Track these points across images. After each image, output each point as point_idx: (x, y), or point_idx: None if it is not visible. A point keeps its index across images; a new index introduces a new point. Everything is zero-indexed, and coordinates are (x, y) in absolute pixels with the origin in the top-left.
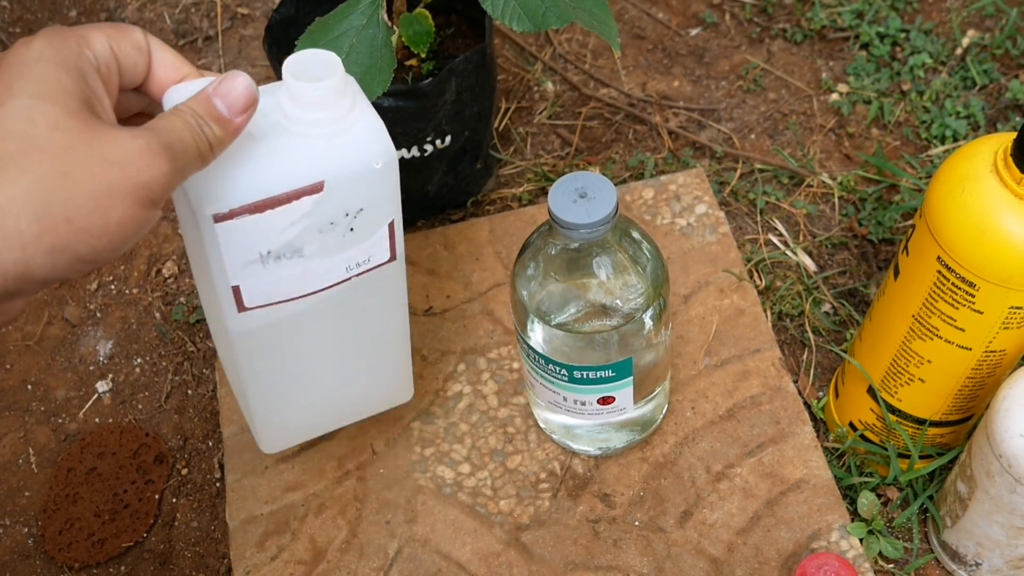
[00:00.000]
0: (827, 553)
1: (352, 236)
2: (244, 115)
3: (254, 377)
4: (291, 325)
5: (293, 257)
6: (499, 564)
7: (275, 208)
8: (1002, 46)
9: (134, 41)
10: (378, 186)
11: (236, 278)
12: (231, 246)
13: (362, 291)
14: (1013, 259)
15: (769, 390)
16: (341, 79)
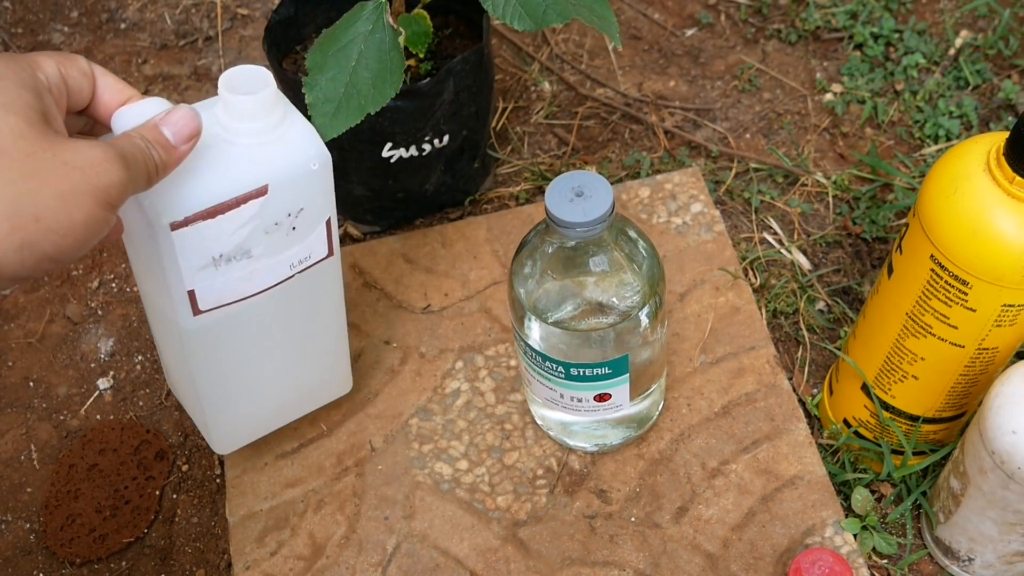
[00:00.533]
0: (821, 549)
1: (294, 235)
2: (188, 143)
3: (207, 377)
4: (239, 324)
5: (243, 259)
6: (496, 559)
7: (225, 213)
8: (995, 46)
9: (79, 67)
10: (316, 186)
11: (191, 282)
12: (187, 252)
13: (304, 286)
14: (1006, 257)
15: (764, 387)
16: (273, 91)
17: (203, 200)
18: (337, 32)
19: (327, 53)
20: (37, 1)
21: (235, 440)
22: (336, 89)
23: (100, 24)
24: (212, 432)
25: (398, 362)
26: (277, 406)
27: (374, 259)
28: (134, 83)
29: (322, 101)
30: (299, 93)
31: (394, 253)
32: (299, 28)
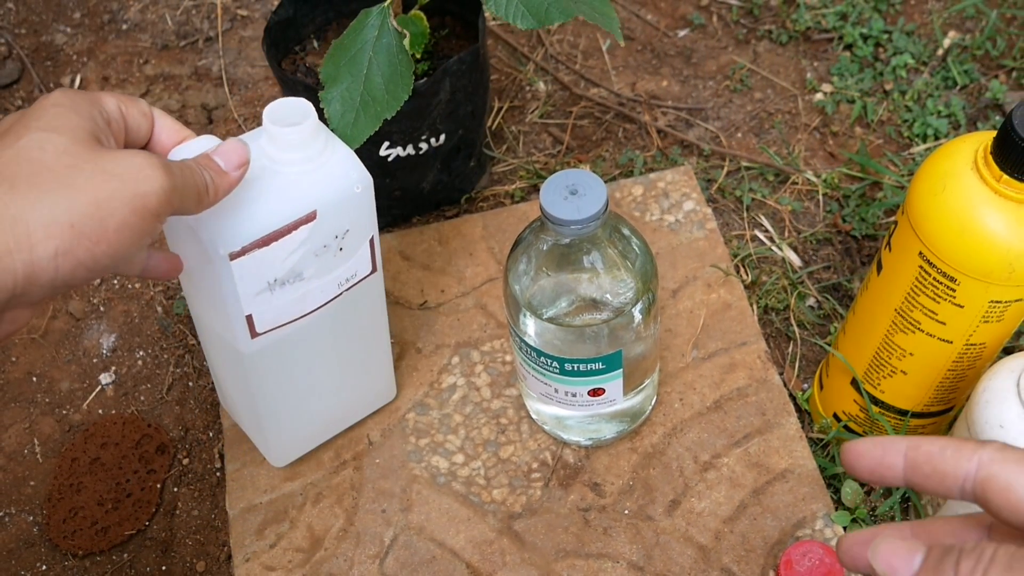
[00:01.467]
0: (812, 541)
1: (341, 255)
2: (239, 170)
3: (266, 397)
4: (294, 343)
5: (296, 281)
6: (492, 551)
7: (279, 240)
8: (982, 47)
9: (140, 108)
10: (359, 207)
11: (249, 307)
12: (244, 279)
13: (351, 303)
14: (993, 254)
15: (755, 382)
16: (315, 121)
17: (258, 230)
18: (346, 41)
19: (339, 64)
20: (40, 2)
21: (291, 453)
22: (353, 99)
23: (102, 25)
24: (271, 448)
25: (395, 357)
26: (329, 417)
27: None
28: (135, 83)
29: (340, 113)
30: (298, 92)
31: (391, 250)
32: (298, 29)
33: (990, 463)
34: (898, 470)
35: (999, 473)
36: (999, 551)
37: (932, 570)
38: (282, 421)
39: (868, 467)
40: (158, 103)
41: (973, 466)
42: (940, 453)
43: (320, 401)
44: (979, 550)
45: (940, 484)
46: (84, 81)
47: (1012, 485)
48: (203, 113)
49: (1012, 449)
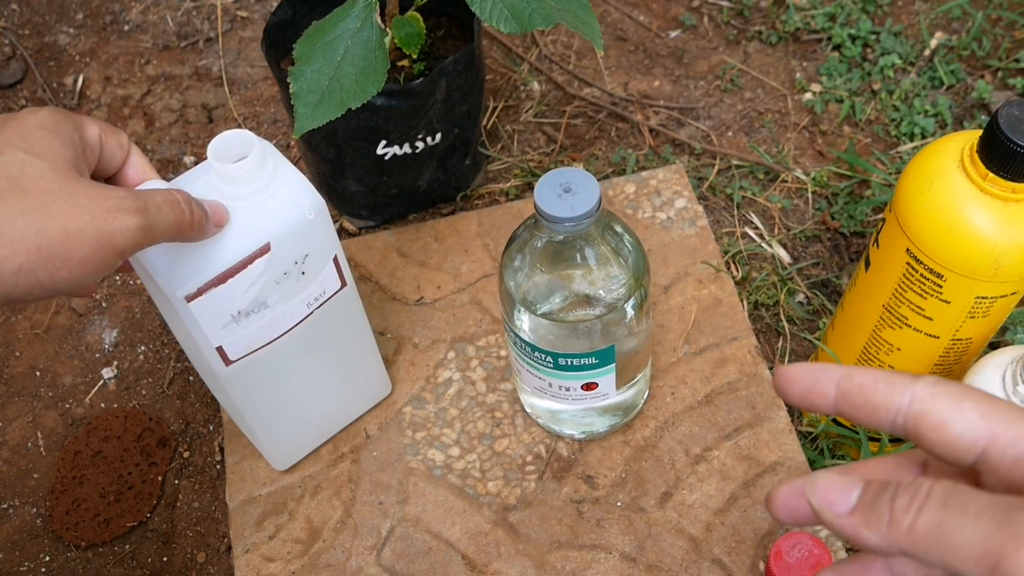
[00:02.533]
0: (801, 532)
1: (304, 278)
2: (219, 228)
3: (251, 411)
4: (273, 362)
5: (260, 310)
6: (487, 543)
7: (235, 276)
8: (968, 47)
9: (119, 140)
10: (316, 232)
11: (217, 339)
12: (206, 317)
13: (325, 318)
14: (979, 251)
15: (745, 376)
16: (259, 153)
17: (211, 270)
18: (326, 26)
19: (314, 45)
20: (44, 3)
21: (290, 456)
22: (320, 81)
23: (104, 26)
24: (267, 453)
25: (392, 352)
26: (324, 420)
27: (369, 253)
28: (137, 83)
29: (306, 92)
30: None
31: (388, 247)
32: (296, 30)
33: (924, 398)
34: (829, 398)
35: (933, 408)
36: (935, 486)
37: (868, 505)
38: (273, 430)
39: (799, 393)
40: (159, 103)
41: (906, 400)
42: (873, 385)
43: (310, 408)
44: (915, 485)
45: (871, 416)
46: (87, 81)
47: (945, 421)
48: (203, 112)
49: (946, 383)
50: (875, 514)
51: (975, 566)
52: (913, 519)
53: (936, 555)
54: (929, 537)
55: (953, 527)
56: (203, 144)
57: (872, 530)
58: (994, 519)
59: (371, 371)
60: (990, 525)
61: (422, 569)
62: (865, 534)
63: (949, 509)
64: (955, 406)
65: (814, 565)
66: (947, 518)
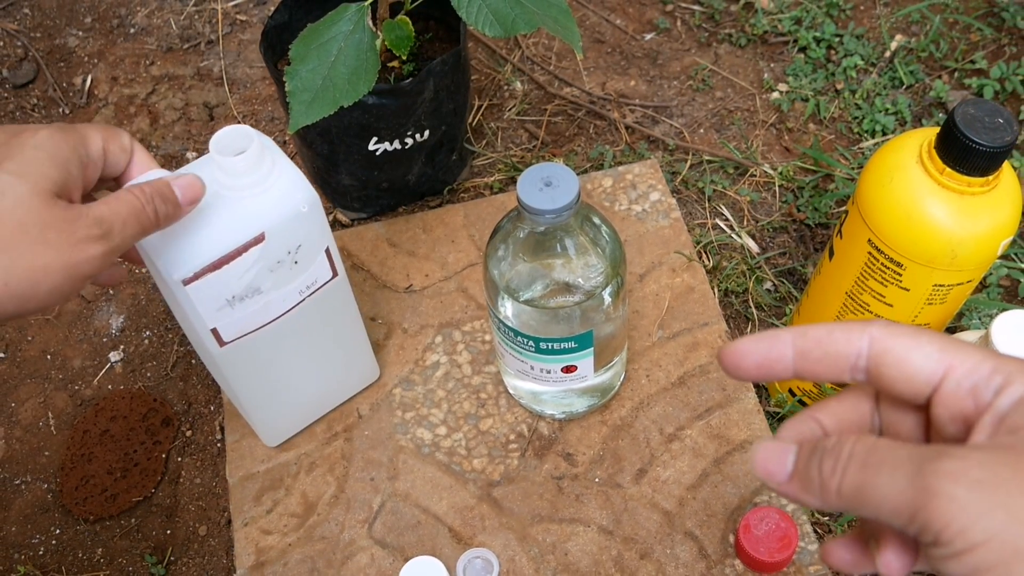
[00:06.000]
0: (769, 507)
1: (298, 267)
2: (191, 205)
3: (244, 390)
4: (265, 345)
5: (254, 296)
6: (472, 516)
7: (230, 263)
8: (927, 49)
9: (121, 143)
10: (309, 224)
11: (212, 321)
12: (202, 300)
13: (317, 305)
14: (936, 241)
15: (716, 360)
16: (259, 147)
17: (208, 256)
18: (321, 28)
19: (309, 46)
20: (54, 7)
21: (281, 434)
22: (314, 80)
23: (111, 29)
24: (257, 428)
25: (383, 337)
26: (314, 401)
27: (361, 243)
28: (142, 83)
29: (301, 90)
30: None
31: (379, 238)
32: (292, 33)
33: (882, 337)
34: (787, 361)
35: (893, 346)
36: (856, 446)
37: (802, 472)
38: (265, 409)
39: (755, 363)
40: (163, 102)
41: (864, 343)
42: (828, 335)
43: (301, 390)
44: (839, 447)
45: (832, 367)
46: (95, 81)
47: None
48: (205, 111)
49: (899, 324)
50: (808, 479)
51: (896, 518)
52: (840, 481)
53: (865, 511)
54: (855, 496)
55: (873, 485)
56: (205, 140)
57: (809, 494)
58: (907, 473)
59: (360, 357)
60: (904, 479)
61: (411, 541)
62: (805, 498)
63: (868, 468)
64: (913, 342)
65: (780, 537)
66: (867, 477)
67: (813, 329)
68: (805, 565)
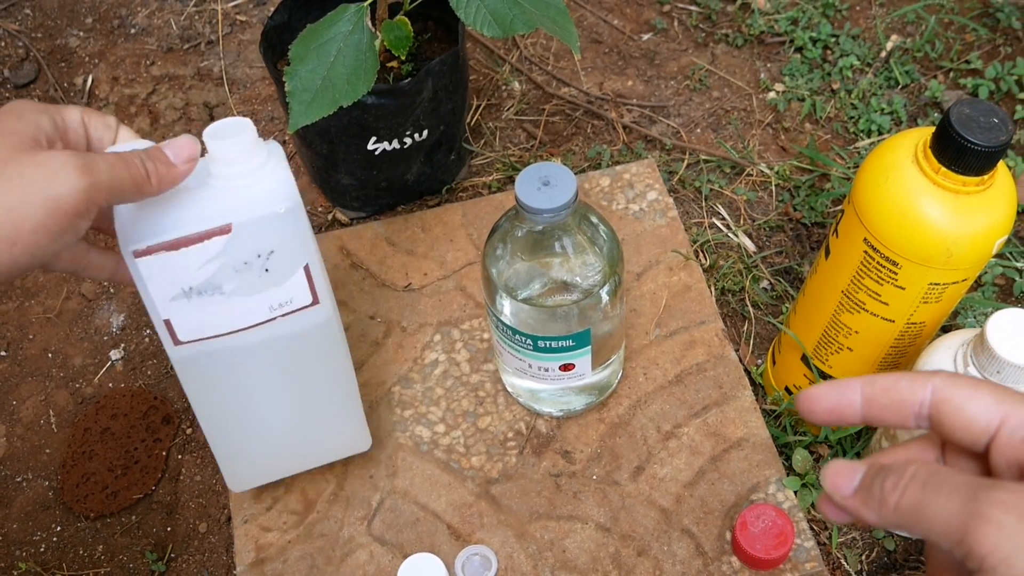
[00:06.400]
0: (765, 504)
1: (269, 277)
2: (187, 164)
3: (203, 411)
4: (228, 362)
5: (215, 294)
6: (471, 514)
7: (188, 247)
8: (922, 50)
9: (104, 121)
10: (286, 230)
11: (166, 311)
12: (154, 280)
13: (292, 333)
14: (932, 240)
15: (713, 358)
16: (248, 138)
17: (166, 232)
18: (320, 28)
19: (309, 46)
20: (55, 8)
21: (245, 479)
22: (314, 80)
23: (112, 29)
24: (222, 467)
25: (382, 335)
26: (287, 453)
27: (360, 242)
28: (142, 83)
29: (300, 90)
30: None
31: (378, 237)
32: (292, 33)
33: (943, 387)
34: (856, 407)
35: (953, 395)
36: (920, 468)
37: (866, 488)
38: (227, 444)
39: (827, 409)
40: (163, 101)
41: (928, 392)
42: (895, 384)
43: (270, 433)
44: (903, 468)
45: (897, 414)
46: (95, 81)
47: (964, 405)
48: (205, 110)
49: (960, 376)
50: (870, 495)
51: (946, 539)
52: (898, 498)
53: (918, 529)
54: (910, 513)
55: (929, 504)
56: None
57: (868, 508)
58: (962, 497)
59: (346, 416)
60: (958, 503)
61: (410, 538)
62: (863, 512)
63: (927, 489)
64: (972, 392)
65: (776, 535)
66: (924, 497)
67: (881, 378)
68: (801, 562)
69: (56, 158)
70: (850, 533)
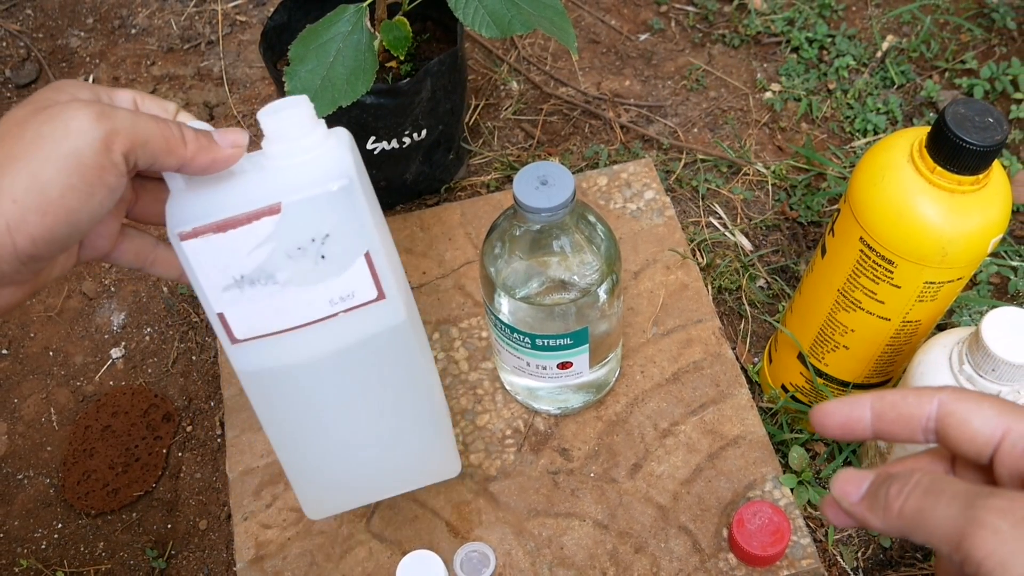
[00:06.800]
0: (761, 501)
1: (325, 264)
2: (232, 148)
3: (273, 430)
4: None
5: (268, 283)
6: (469, 511)
7: (237, 228)
8: (917, 50)
9: (159, 103)
10: (340, 211)
11: (219, 304)
12: (204, 267)
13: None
14: (927, 239)
15: (710, 356)
16: (302, 112)
17: (213, 213)
18: (319, 29)
19: (308, 47)
20: (56, 8)
21: (323, 505)
22: (313, 80)
23: (113, 30)
24: (297, 491)
25: None
26: (368, 479)
27: None
28: (143, 83)
29: (300, 90)
30: None
31: None
32: (292, 33)
33: (948, 401)
34: (866, 422)
35: (957, 409)
36: (923, 476)
37: (872, 494)
38: (301, 466)
39: (838, 423)
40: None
41: (934, 406)
42: (903, 399)
43: (348, 458)
44: (907, 475)
45: (905, 428)
46: (96, 81)
47: (968, 419)
48: (205, 110)
49: (966, 390)
50: (876, 501)
51: (945, 544)
52: (902, 504)
53: (919, 535)
54: (912, 519)
55: (929, 510)
56: None
57: (874, 514)
58: (960, 504)
59: (431, 437)
60: (956, 509)
61: (408, 536)
62: (869, 518)
63: (928, 495)
64: (975, 406)
65: (773, 532)
66: (925, 503)
67: (890, 393)
68: (797, 559)
69: (68, 110)
70: (846, 530)
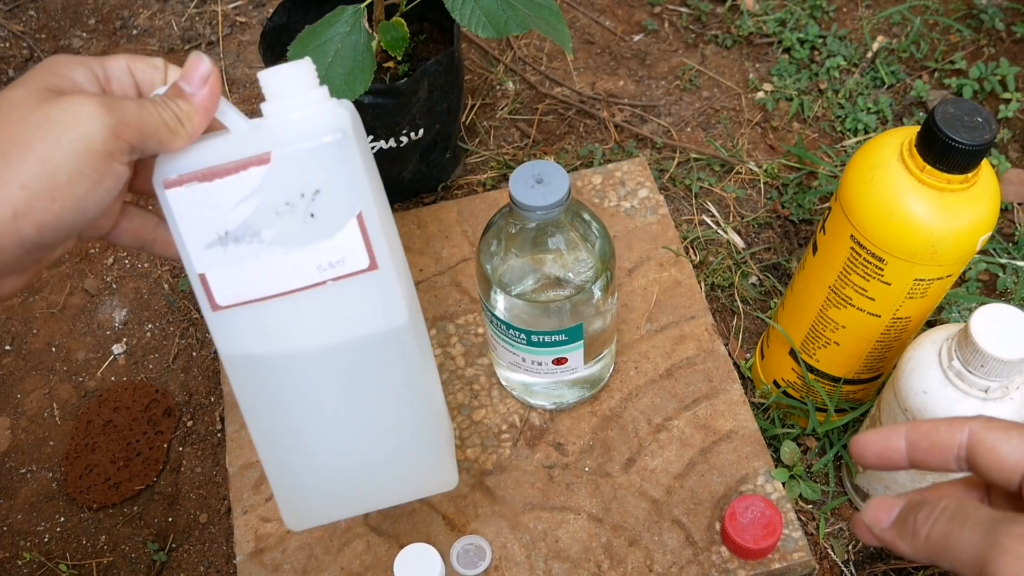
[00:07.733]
0: (754, 495)
1: (314, 224)
2: (203, 88)
3: (257, 428)
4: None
5: (253, 241)
6: (466, 504)
7: (223, 178)
8: (907, 50)
9: (151, 63)
10: (332, 165)
11: (201, 263)
12: (186, 219)
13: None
14: (917, 237)
15: (703, 352)
16: (300, 70)
17: (199, 161)
18: (318, 29)
19: (307, 47)
20: (58, 9)
21: (306, 517)
22: None
23: (115, 30)
24: (278, 498)
25: None
26: (355, 489)
27: None
28: None
29: None
30: None
31: None
32: (291, 34)
33: (978, 430)
34: (902, 452)
35: (986, 438)
36: (950, 502)
37: (901, 520)
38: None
39: (875, 453)
40: None
41: (965, 435)
42: (935, 429)
43: (334, 464)
44: (935, 502)
45: (938, 456)
46: None
47: (996, 446)
48: None
49: (996, 420)
50: (905, 527)
51: (969, 570)
52: (928, 530)
53: (945, 560)
54: (938, 545)
55: (954, 536)
56: None
57: (903, 540)
58: (984, 530)
59: (426, 446)
60: (980, 535)
61: (406, 529)
62: (899, 543)
63: (954, 522)
64: (1004, 434)
65: (765, 525)
66: (952, 529)
67: (924, 423)
68: (789, 552)
69: (76, 100)
70: (837, 524)
